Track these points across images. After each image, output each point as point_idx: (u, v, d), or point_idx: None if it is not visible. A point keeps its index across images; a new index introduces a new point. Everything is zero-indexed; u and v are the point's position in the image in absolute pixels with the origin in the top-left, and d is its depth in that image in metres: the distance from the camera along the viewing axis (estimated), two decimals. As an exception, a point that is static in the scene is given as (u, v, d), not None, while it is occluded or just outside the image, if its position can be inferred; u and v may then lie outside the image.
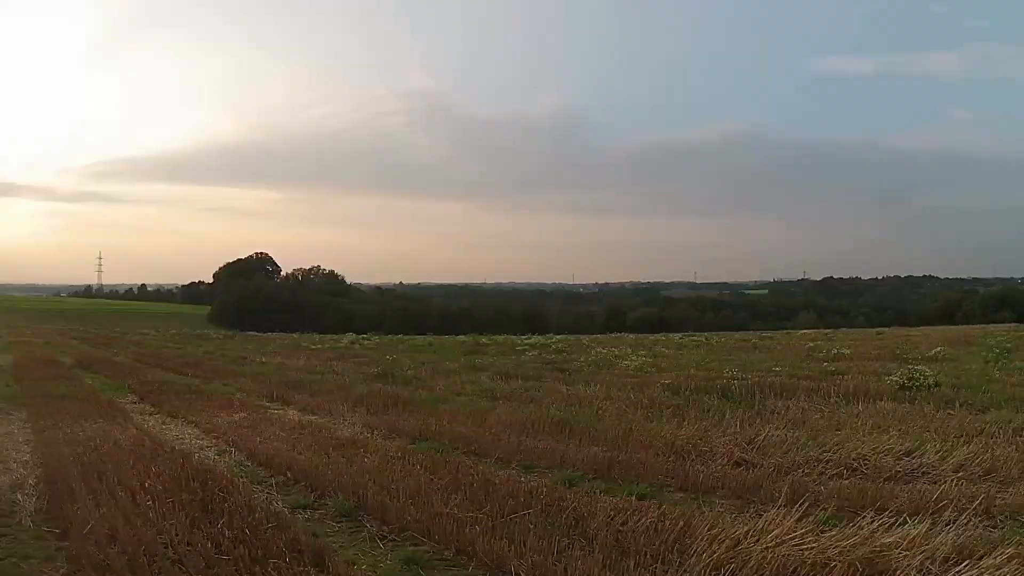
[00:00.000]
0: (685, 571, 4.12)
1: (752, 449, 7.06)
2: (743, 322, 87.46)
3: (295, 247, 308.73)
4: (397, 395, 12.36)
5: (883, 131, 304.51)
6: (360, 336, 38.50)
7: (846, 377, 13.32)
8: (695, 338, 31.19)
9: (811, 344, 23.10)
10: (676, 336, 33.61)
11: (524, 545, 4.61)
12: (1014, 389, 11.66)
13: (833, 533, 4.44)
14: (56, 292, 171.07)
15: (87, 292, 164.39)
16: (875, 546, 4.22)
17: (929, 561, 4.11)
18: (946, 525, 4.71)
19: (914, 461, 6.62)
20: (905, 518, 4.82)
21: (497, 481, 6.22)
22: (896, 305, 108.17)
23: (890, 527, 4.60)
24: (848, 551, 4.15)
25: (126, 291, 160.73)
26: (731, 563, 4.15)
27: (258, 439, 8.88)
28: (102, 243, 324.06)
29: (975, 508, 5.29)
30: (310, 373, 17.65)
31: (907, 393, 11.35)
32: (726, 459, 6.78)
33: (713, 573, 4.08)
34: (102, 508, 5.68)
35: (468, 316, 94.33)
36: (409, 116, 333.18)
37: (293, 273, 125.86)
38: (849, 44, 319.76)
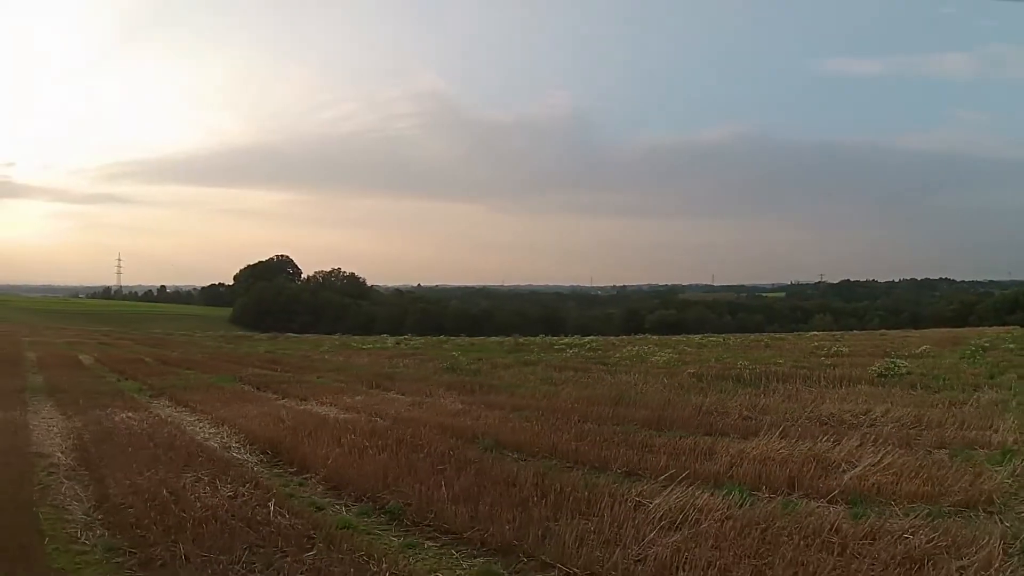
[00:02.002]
0: (713, 462, 7.49)
1: (755, 411, 10.44)
2: (760, 325, 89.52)
3: (310, 248, 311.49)
4: (477, 383, 15.83)
5: (895, 132, 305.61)
6: (402, 337, 42.12)
7: (837, 368, 16.63)
8: (713, 339, 34.59)
9: (816, 344, 26.43)
10: (696, 337, 37.00)
11: (617, 455, 7.98)
12: (969, 377, 14.96)
13: (797, 444, 7.82)
14: (74, 293, 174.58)
15: (106, 293, 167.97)
16: (819, 450, 7.60)
17: (851, 457, 7.46)
18: (871, 445, 8.05)
19: (866, 417, 9.94)
20: (845, 442, 8.16)
21: (586, 428, 9.61)
22: (912, 308, 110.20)
23: (833, 444, 7.96)
24: (803, 452, 7.53)
25: (145, 292, 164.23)
26: (738, 460, 7.52)
27: (392, 411, 12.27)
28: (116, 244, 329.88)
29: (896, 439, 8.61)
30: (385, 368, 21.09)
31: (883, 379, 14.69)
32: (737, 416, 10.16)
33: (727, 464, 7.43)
34: (335, 450, 8.94)
35: (488, 318, 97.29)
36: (420, 118, 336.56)
37: (314, 275, 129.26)
38: (861, 45, 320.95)
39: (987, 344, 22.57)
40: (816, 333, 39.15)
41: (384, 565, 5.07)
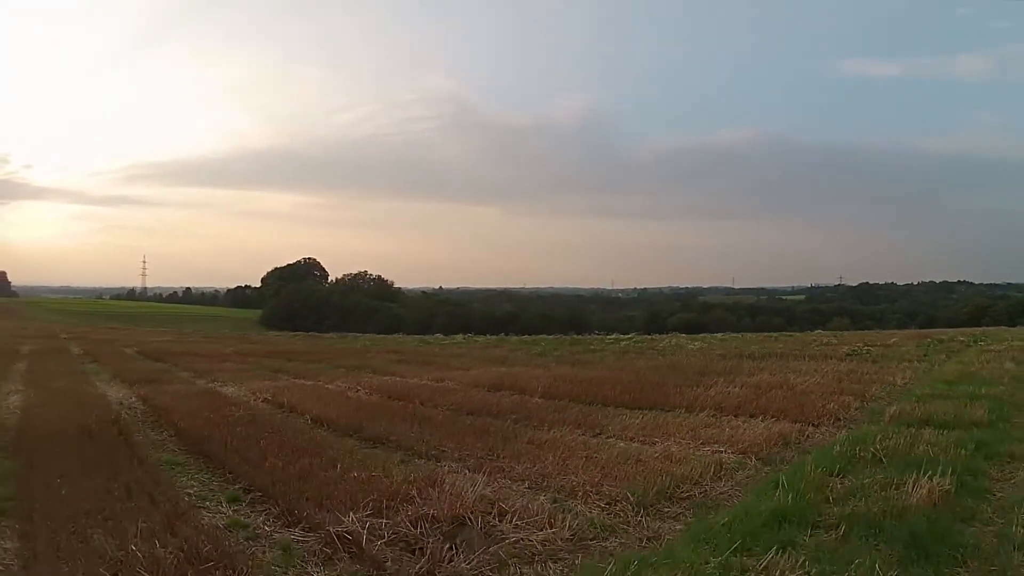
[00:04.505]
0: (735, 383, 15.89)
1: (758, 368, 18.87)
2: (780, 327, 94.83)
3: (330, 250, 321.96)
4: (574, 358, 24.27)
5: (913, 133, 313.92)
6: (468, 335, 50.81)
7: (821, 351, 25.02)
8: (734, 336, 43.09)
9: (814, 338, 34.85)
10: (719, 335, 45.39)
11: (681, 386, 16.40)
12: (907, 354, 23.30)
13: (778, 376, 16.30)
14: (96, 295, 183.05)
15: (131, 295, 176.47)
16: (788, 379, 16.08)
17: (803, 381, 15.86)
18: (817, 378, 16.44)
19: (821, 369, 18.32)
20: (803, 377, 16.58)
21: (662, 376, 18.07)
22: (929, 310, 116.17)
23: (796, 377, 16.40)
24: (780, 379, 16.03)
25: (169, 294, 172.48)
26: (747, 381, 15.95)
27: (536, 374, 20.63)
28: (134, 245, 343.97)
29: (833, 377, 16.96)
30: (491, 354, 29.54)
31: (849, 357, 23.06)
32: (747, 370, 18.57)
33: (741, 383, 15.82)
34: (540, 384, 17.28)
35: (515, 320, 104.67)
36: (437, 120, 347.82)
37: (342, 278, 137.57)
38: (877, 46, 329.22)
39: (944, 338, 30.91)
40: (820, 331, 47.51)
41: (606, 414, 13.33)
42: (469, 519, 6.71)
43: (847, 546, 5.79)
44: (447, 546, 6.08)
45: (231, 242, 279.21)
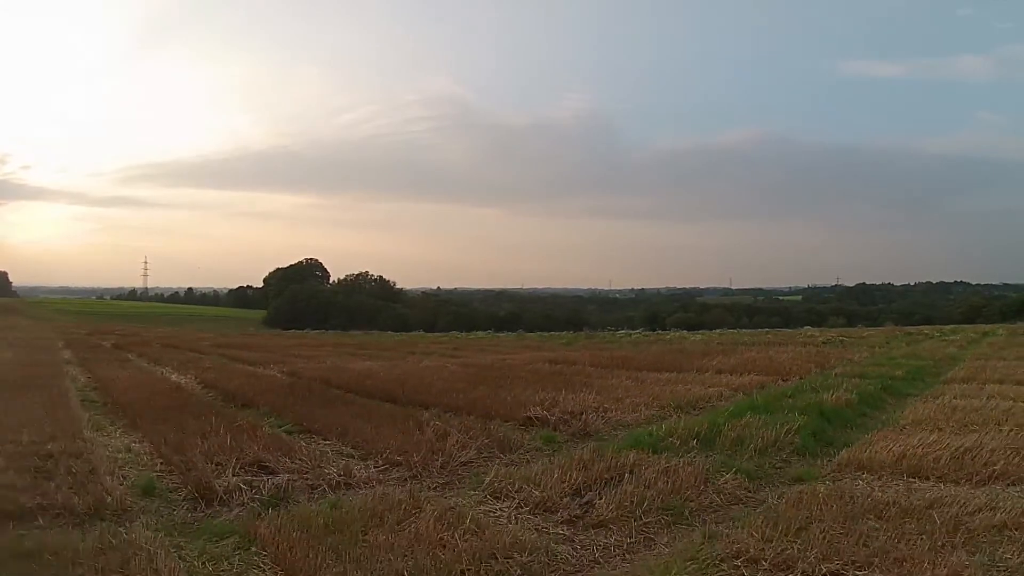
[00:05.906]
0: (734, 357, 22.33)
1: (748, 349, 25.38)
2: (776, 327, 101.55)
3: (330, 251, 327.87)
4: (597, 347, 30.71)
5: (914, 135, 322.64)
6: (489, 331, 57.26)
7: (803, 341, 31.54)
8: (731, 331, 49.71)
9: (800, 332, 41.43)
10: (717, 331, 52.02)
11: (690, 360, 22.85)
12: (873, 342, 29.81)
13: (764, 353, 22.82)
14: (96, 295, 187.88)
15: (132, 295, 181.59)
16: (773, 355, 22.60)
17: (782, 356, 22.33)
18: (793, 355, 22.91)
19: (796, 352, 24.83)
20: (783, 354, 23.08)
21: (674, 356, 24.55)
22: (925, 311, 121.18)
23: (779, 354, 22.91)
24: (766, 355, 22.54)
25: (171, 294, 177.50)
26: (740, 356, 22.43)
27: (579, 355, 27.02)
28: (134, 246, 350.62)
29: (805, 357, 23.43)
30: (530, 344, 35.92)
31: (824, 345, 29.55)
32: (739, 352, 25.06)
33: (737, 356, 22.28)
34: (587, 359, 23.73)
35: (517, 320, 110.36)
36: (438, 121, 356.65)
37: (344, 279, 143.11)
38: (879, 48, 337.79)
39: (912, 332, 37.53)
40: (808, 327, 54.14)
41: (641, 374, 19.71)
42: (589, 411, 13.10)
43: (786, 415, 12.15)
44: (585, 420, 12.43)
45: (231, 243, 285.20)
